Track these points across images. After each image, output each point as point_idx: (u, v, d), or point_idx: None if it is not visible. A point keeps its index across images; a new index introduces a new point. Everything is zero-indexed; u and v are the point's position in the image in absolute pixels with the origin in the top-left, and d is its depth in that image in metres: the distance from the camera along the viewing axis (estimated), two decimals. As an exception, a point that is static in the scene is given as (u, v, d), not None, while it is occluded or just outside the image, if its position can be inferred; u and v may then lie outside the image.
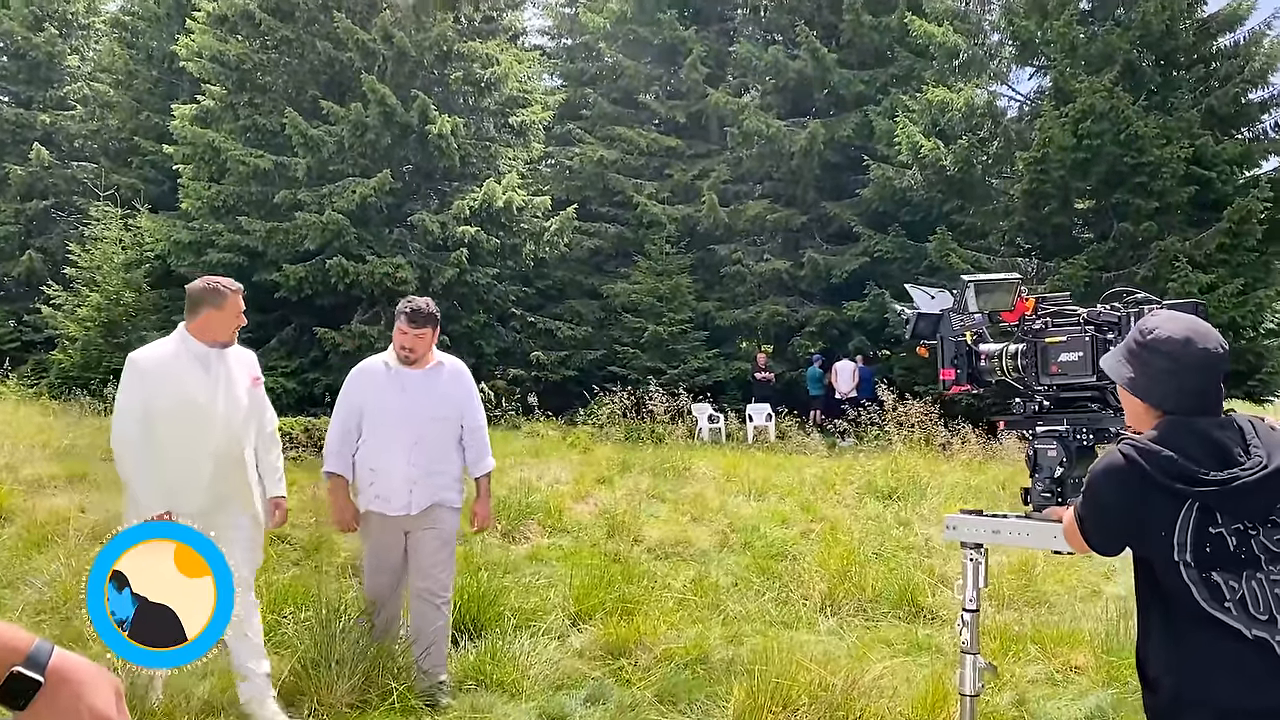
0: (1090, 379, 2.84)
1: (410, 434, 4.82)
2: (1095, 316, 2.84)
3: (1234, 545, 2.13)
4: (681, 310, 22.53)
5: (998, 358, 3.09)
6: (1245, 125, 20.36)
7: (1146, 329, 2.31)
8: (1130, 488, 2.20)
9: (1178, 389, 2.25)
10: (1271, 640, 2.06)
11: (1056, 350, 2.90)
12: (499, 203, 21.13)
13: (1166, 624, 2.20)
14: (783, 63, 23.72)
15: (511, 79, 22.72)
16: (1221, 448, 2.18)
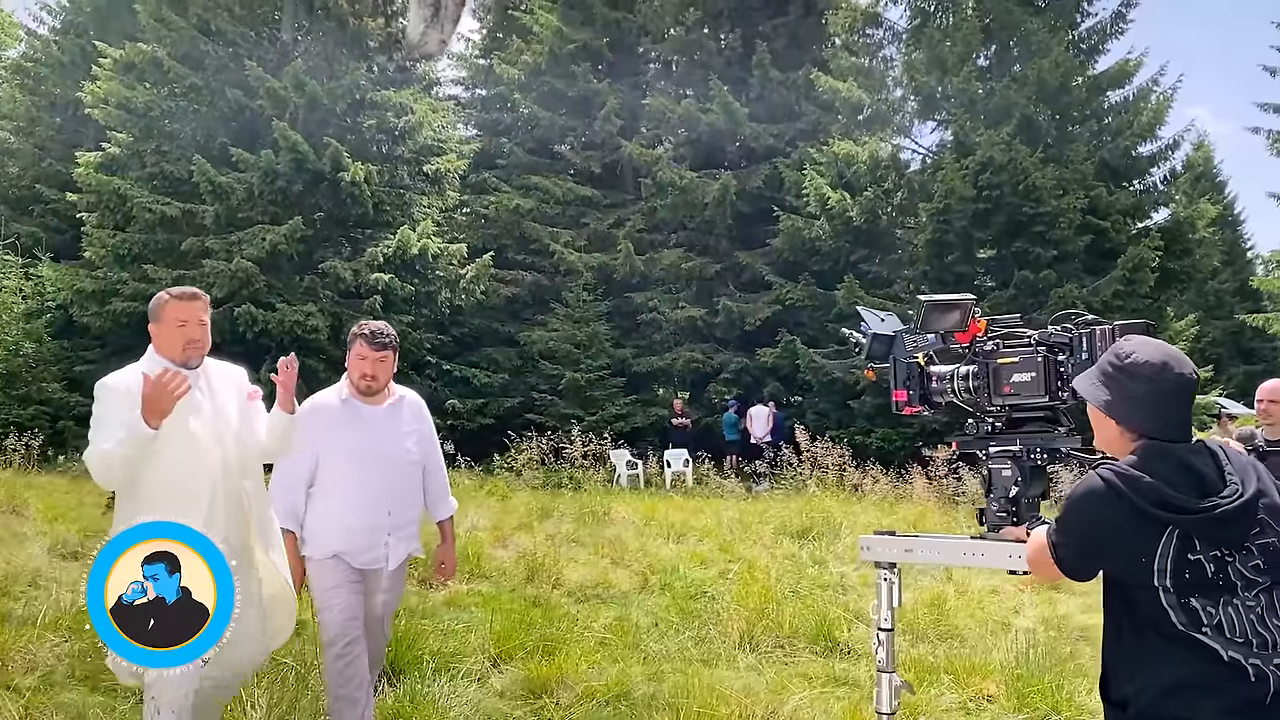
0: (1043, 399, 2.88)
1: (380, 479, 4.34)
2: (1047, 338, 2.90)
3: (1212, 572, 2.15)
4: (599, 357, 22.64)
5: (949, 379, 3.11)
6: (1136, 177, 21.34)
7: (1124, 353, 2.34)
8: (1111, 513, 2.21)
9: (1155, 413, 2.28)
10: (1245, 663, 2.10)
11: (1009, 371, 2.94)
12: (413, 250, 21.10)
13: (1139, 645, 2.22)
14: (695, 115, 24.20)
15: (426, 128, 22.82)
16: (1200, 476, 2.22)
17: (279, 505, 4.26)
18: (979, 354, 3.03)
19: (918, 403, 3.17)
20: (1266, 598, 2.16)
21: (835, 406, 20.65)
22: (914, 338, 3.15)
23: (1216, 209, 25.95)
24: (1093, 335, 2.78)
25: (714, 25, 26.11)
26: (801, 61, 23.61)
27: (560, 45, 25.03)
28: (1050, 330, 2.91)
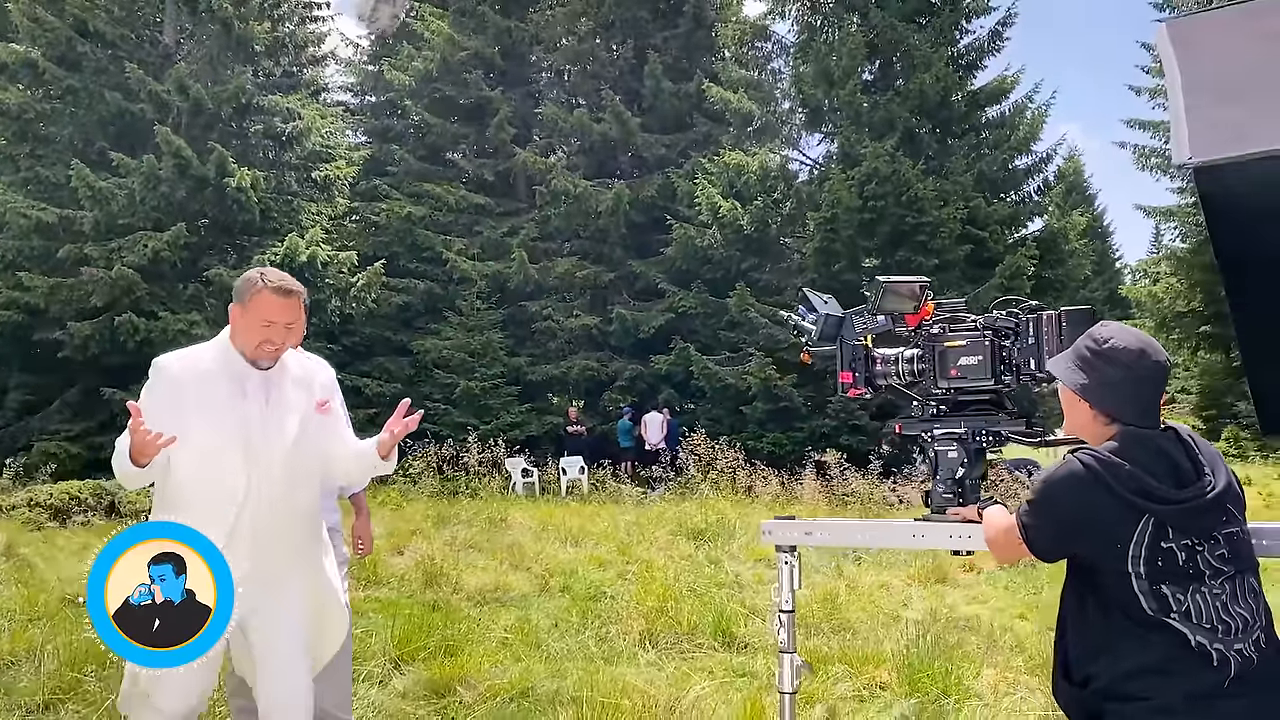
0: (989, 383, 2.94)
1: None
2: (992, 323, 2.95)
3: (1183, 560, 2.22)
4: (493, 365, 22.55)
5: (894, 362, 3.15)
6: (1013, 189, 22.24)
7: (1101, 338, 2.38)
8: (1091, 498, 2.25)
9: (1131, 398, 2.33)
10: (1210, 648, 2.18)
11: (956, 354, 2.97)
12: (302, 258, 20.69)
13: (1105, 627, 2.28)
14: (588, 125, 24.34)
15: (314, 133, 22.44)
16: (1176, 466, 2.28)
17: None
18: (925, 337, 3.06)
19: (863, 384, 3.20)
20: (1230, 586, 2.24)
21: (728, 412, 20.97)
22: (863, 320, 3.19)
23: (1087, 220, 27.18)
24: (1039, 321, 2.85)
25: (606, 36, 26.31)
26: (692, 73, 23.96)
27: (452, 52, 24.92)
28: (995, 315, 2.97)
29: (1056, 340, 2.80)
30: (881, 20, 21.30)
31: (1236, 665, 2.18)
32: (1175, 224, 25.42)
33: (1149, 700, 2.19)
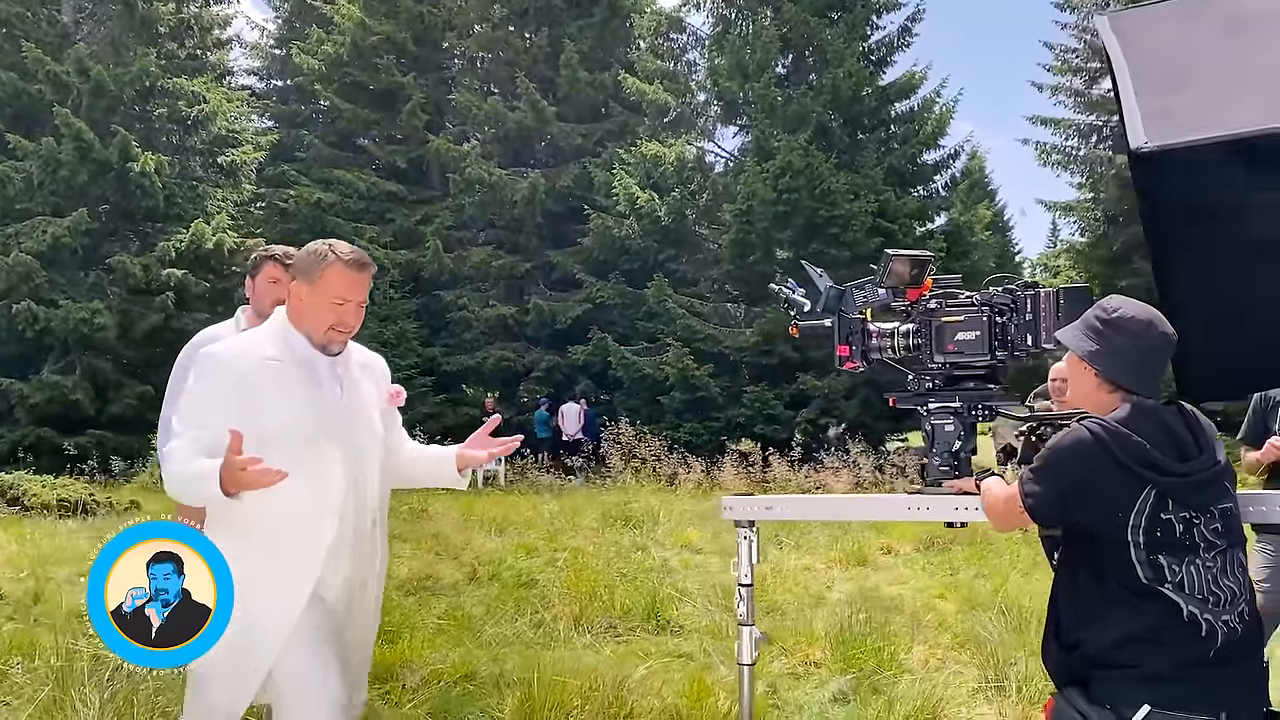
0: (985, 358, 3.00)
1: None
2: (989, 299, 3.01)
3: (1180, 532, 2.28)
4: (407, 356, 22.27)
5: (890, 336, 3.18)
6: (921, 184, 22.75)
7: (1111, 307, 2.44)
8: (1097, 465, 2.30)
9: (1137, 368, 2.40)
10: (1200, 618, 2.25)
11: (953, 330, 3.01)
12: (208, 245, 20.20)
13: (1099, 594, 2.34)
14: (502, 113, 24.18)
15: (220, 118, 21.88)
16: (1180, 440, 2.35)
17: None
18: (922, 312, 3.10)
19: (858, 358, 3.22)
20: (1222, 559, 2.31)
21: (645, 403, 21.07)
22: (864, 293, 3.23)
23: (990, 214, 28.00)
24: (1036, 297, 2.92)
25: (520, 24, 26.14)
26: (608, 63, 23.98)
27: (363, 37, 24.51)
28: (992, 292, 3.03)
29: (1054, 317, 2.87)
30: (795, 15, 21.57)
31: (1223, 636, 2.26)
32: (1074, 218, 26.26)
33: (1138, 668, 2.27)
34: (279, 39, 28.39)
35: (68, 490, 12.08)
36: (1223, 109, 2.64)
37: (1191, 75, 2.89)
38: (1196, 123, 2.63)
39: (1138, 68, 2.92)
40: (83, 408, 18.32)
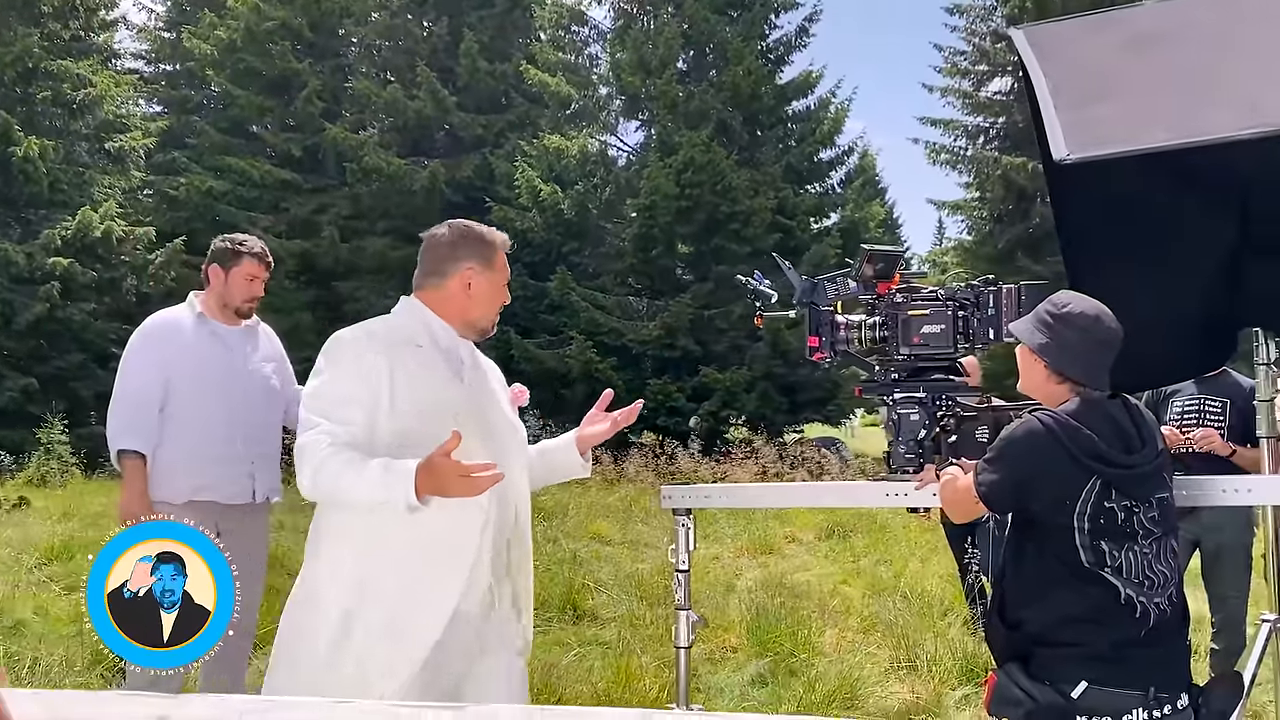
0: (949, 351, 3.12)
1: (243, 404, 3.96)
2: (953, 294, 3.14)
3: (1121, 520, 2.45)
4: (303, 349, 21.24)
5: (857, 328, 3.26)
6: (817, 181, 23.28)
7: (1061, 302, 2.59)
8: (1048, 455, 2.45)
9: (1085, 361, 2.54)
10: (1136, 600, 2.42)
11: (919, 323, 3.12)
12: (96, 233, 19.46)
13: (1042, 576, 2.50)
14: (401, 102, 23.86)
15: (107, 102, 21.11)
16: (1125, 432, 2.52)
17: (123, 423, 3.83)
18: (888, 305, 3.20)
19: (827, 349, 3.30)
20: (1157, 546, 2.49)
21: (549, 395, 21.06)
22: (835, 286, 3.33)
23: (882, 212, 28.75)
24: (999, 293, 3.07)
25: (419, 12, 25.81)
26: (509, 54, 23.89)
27: (257, 22, 23.90)
28: (956, 287, 3.17)
29: (1015, 311, 3.02)
30: (695, 12, 21.83)
31: (1155, 617, 2.45)
32: (961, 217, 27.11)
33: (1077, 647, 2.43)
34: (169, 22, 27.46)
35: (-50, 486, 11.57)
36: (1139, 122, 2.85)
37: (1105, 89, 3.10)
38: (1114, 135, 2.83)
39: (1055, 81, 3.11)
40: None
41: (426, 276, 2.84)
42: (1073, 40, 3.52)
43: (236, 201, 23.50)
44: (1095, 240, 3.28)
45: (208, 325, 4.03)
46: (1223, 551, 4.82)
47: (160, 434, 3.88)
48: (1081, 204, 3.23)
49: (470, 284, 2.78)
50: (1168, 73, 2.98)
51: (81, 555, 8.59)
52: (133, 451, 3.83)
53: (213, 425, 3.90)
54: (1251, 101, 2.65)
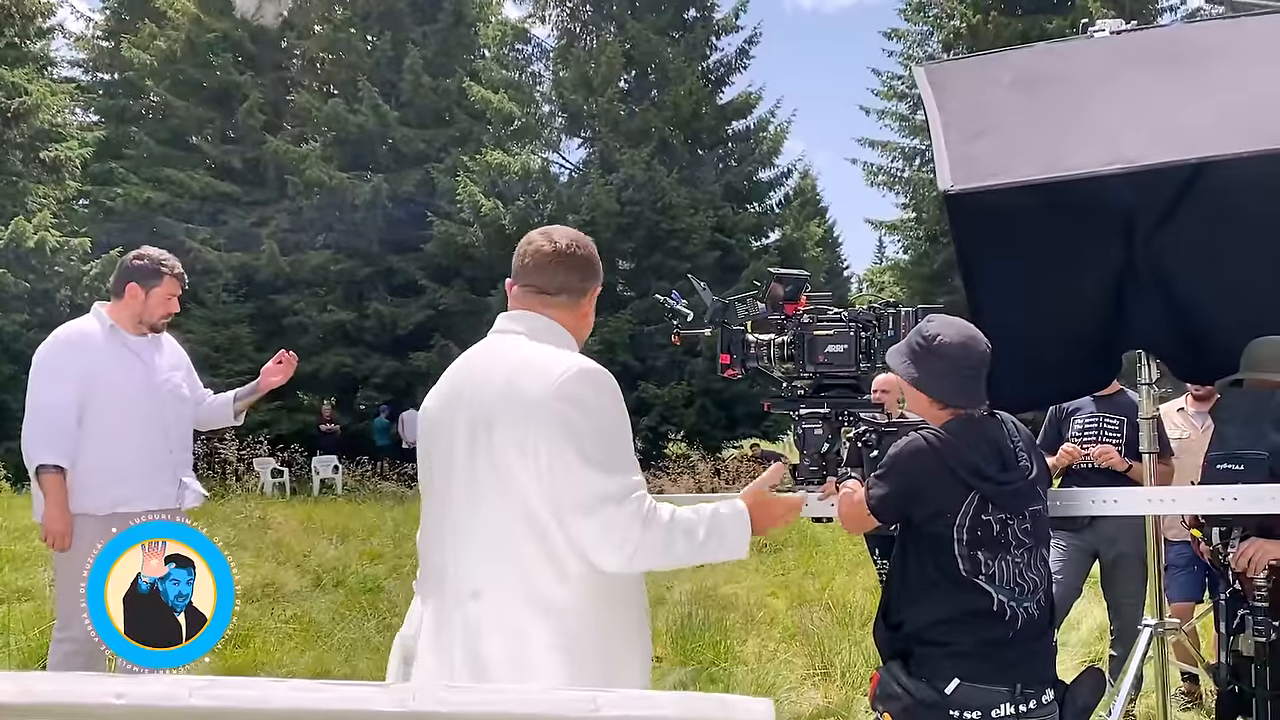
0: (852, 369, 3.24)
1: (158, 413, 4.03)
2: (855, 315, 3.26)
3: (996, 531, 2.65)
4: (240, 362, 21.58)
5: (766, 346, 3.35)
6: (757, 200, 23.62)
7: (929, 334, 2.75)
8: (929, 471, 2.65)
9: (958, 387, 2.72)
10: (1006, 605, 2.62)
11: (824, 342, 3.22)
12: (29, 244, 19.22)
13: (922, 581, 2.69)
14: (343, 116, 23.79)
15: (43, 111, 20.85)
16: (1002, 450, 2.72)
17: (42, 437, 3.84)
18: (796, 325, 3.30)
19: (738, 366, 3.40)
20: (1029, 555, 2.70)
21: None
22: (745, 307, 3.43)
23: (820, 231, 29.21)
24: (897, 315, 3.20)
25: (362, 26, 25.75)
26: (452, 69, 23.92)
27: (198, 33, 23.74)
28: (858, 309, 3.31)
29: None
30: (638, 32, 22.09)
31: (1022, 620, 2.66)
32: (898, 237, 27.63)
33: (950, 646, 2.63)
34: (107, 31, 27.07)
35: (-128, 501, 11.36)
36: (1014, 157, 3.07)
37: (989, 125, 3.32)
38: (993, 168, 3.05)
39: (948, 117, 3.33)
40: (-115, 412, 17.18)
41: (562, 293, 2.42)
42: (967, 78, 3.76)
43: (175, 213, 23.26)
44: (988, 267, 3.50)
45: (119, 336, 4.06)
46: (1119, 561, 5.07)
47: (78, 447, 3.88)
48: (974, 233, 3.44)
49: (581, 304, 2.48)
50: (1044, 111, 3.21)
51: (10, 568, 8.53)
52: (52, 466, 3.83)
53: (133, 435, 3.95)
54: (1113, 140, 2.88)
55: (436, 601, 2.28)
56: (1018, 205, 3.20)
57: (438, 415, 2.35)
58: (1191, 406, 5.53)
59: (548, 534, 2.13)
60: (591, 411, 2.17)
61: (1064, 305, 3.65)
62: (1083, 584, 5.29)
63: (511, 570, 2.16)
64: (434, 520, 2.34)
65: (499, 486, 2.16)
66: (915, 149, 25.87)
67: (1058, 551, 5.08)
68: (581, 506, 2.10)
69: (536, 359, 2.24)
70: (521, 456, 2.13)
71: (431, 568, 2.34)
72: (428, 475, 2.36)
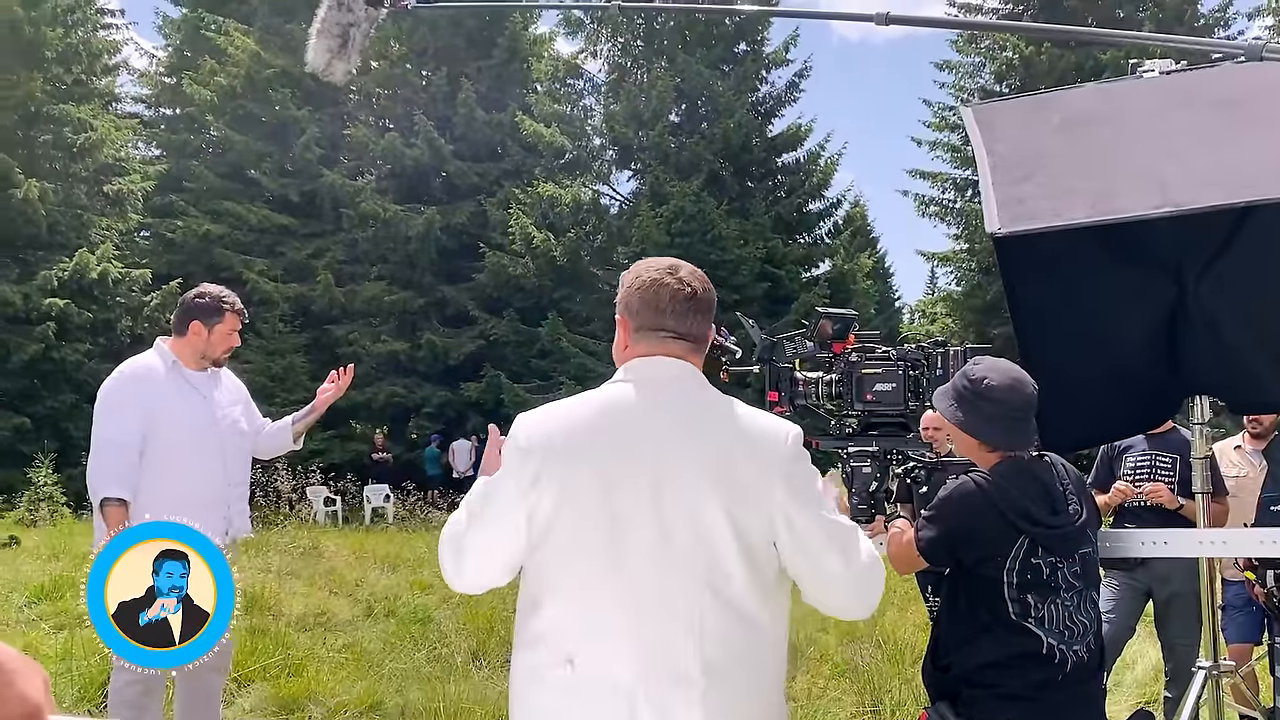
0: (900, 407, 3.25)
1: (216, 448, 4.18)
2: (904, 354, 3.27)
3: (1046, 575, 2.64)
4: (295, 391, 21.93)
5: (815, 384, 3.37)
6: (806, 231, 23.62)
7: (976, 377, 2.75)
8: (981, 515, 2.65)
9: (1005, 430, 2.72)
10: (1056, 648, 2.61)
11: (872, 380, 3.24)
12: (92, 275, 19.76)
13: (972, 623, 2.68)
14: (399, 150, 24.22)
15: (107, 145, 21.47)
16: (1051, 493, 2.71)
17: (106, 471, 3.93)
18: (845, 364, 3.33)
19: (786, 404, 3.41)
20: (1079, 598, 2.69)
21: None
22: (793, 345, 3.46)
23: (871, 262, 29.08)
24: (946, 354, 3.21)
25: (418, 62, 26.26)
26: (506, 104, 24.26)
27: (258, 69, 24.30)
28: (907, 348, 3.31)
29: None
30: (688, 66, 22.28)
31: (1072, 663, 2.64)
32: (950, 268, 27.41)
33: (998, 688, 2.62)
34: (170, 68, 27.84)
35: (-57, 524, 11.69)
36: (1062, 199, 3.07)
37: (1037, 166, 3.33)
38: (1041, 211, 3.06)
39: (995, 158, 3.34)
40: (-47, 439, 17.71)
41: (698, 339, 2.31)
42: (1014, 119, 3.76)
43: (233, 245, 23.77)
44: (1037, 308, 3.49)
45: (181, 372, 4.18)
46: (1173, 600, 4.99)
47: (140, 480, 3.98)
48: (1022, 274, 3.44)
49: (705, 342, 2.39)
50: (1092, 153, 3.21)
51: (71, 594, 8.72)
52: (116, 499, 3.91)
53: (192, 470, 4.05)
54: (1163, 182, 2.88)
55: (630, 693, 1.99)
56: (1066, 246, 3.20)
57: (595, 475, 2.09)
58: (1249, 444, 5.45)
59: (738, 597, 2.05)
60: (807, 465, 2.19)
61: (1114, 345, 3.63)
62: (1135, 623, 5.21)
63: (735, 644, 2.05)
64: (593, 592, 2.06)
65: (700, 552, 2.04)
66: (967, 180, 25.69)
67: (1110, 590, 5.02)
68: (837, 561, 2.10)
69: (753, 419, 2.18)
70: (733, 520, 2.04)
71: (594, 647, 2.04)
72: (574, 542, 2.08)
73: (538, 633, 2.09)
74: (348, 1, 4.32)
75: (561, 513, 2.07)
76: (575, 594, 2.07)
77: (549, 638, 2.06)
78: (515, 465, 2.15)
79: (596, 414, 2.19)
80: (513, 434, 2.22)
